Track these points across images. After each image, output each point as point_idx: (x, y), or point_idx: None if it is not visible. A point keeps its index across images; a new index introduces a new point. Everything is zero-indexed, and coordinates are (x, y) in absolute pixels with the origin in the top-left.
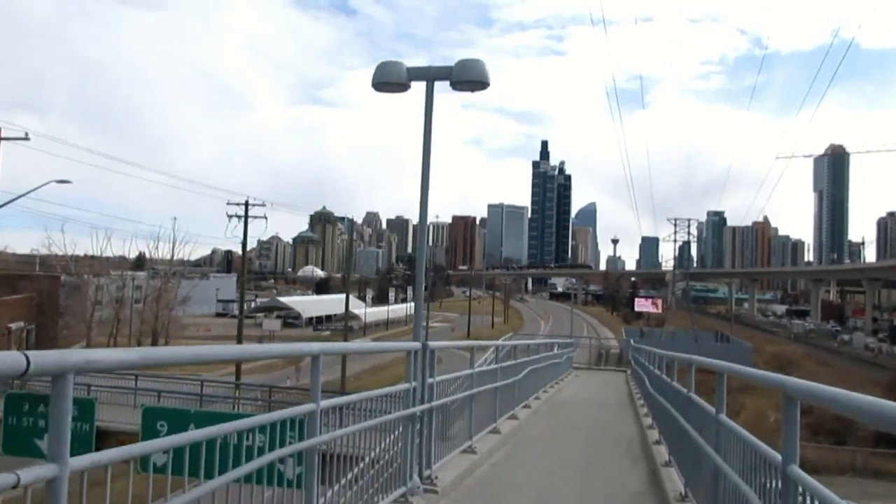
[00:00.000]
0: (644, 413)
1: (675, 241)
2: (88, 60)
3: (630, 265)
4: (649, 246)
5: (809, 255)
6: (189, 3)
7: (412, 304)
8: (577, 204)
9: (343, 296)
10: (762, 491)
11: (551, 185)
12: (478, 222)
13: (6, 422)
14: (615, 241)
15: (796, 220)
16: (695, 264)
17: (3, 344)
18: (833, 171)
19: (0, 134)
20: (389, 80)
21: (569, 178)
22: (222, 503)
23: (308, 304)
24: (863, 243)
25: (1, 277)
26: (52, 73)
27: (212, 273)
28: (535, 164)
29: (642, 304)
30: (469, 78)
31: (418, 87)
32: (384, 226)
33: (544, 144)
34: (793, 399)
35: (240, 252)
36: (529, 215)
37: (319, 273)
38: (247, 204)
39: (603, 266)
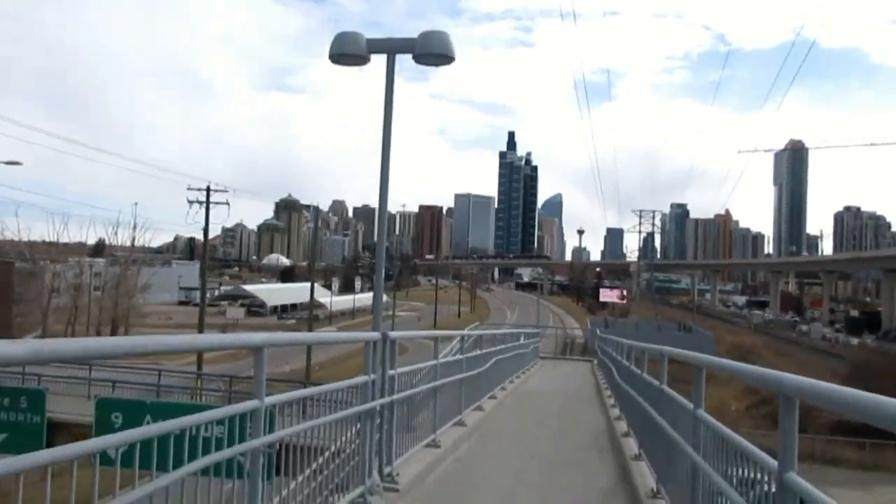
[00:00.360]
0: (611, 404)
1: (639, 231)
2: (53, 43)
3: (595, 256)
4: (614, 237)
5: (769, 248)
6: None
7: None
8: (543, 195)
9: (309, 284)
10: (751, 495)
11: (518, 175)
12: (444, 212)
13: None
14: (581, 232)
15: (757, 214)
16: (658, 256)
17: None
18: (792, 165)
19: None
20: (347, 51)
21: (535, 168)
22: (176, 498)
23: (273, 293)
24: (820, 236)
25: None
26: (17, 57)
27: (174, 260)
28: (502, 155)
29: (607, 295)
30: (433, 51)
31: (380, 64)
32: (350, 214)
33: (511, 135)
34: (791, 399)
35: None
36: (496, 206)
37: (285, 261)
38: (208, 189)
39: (568, 257)
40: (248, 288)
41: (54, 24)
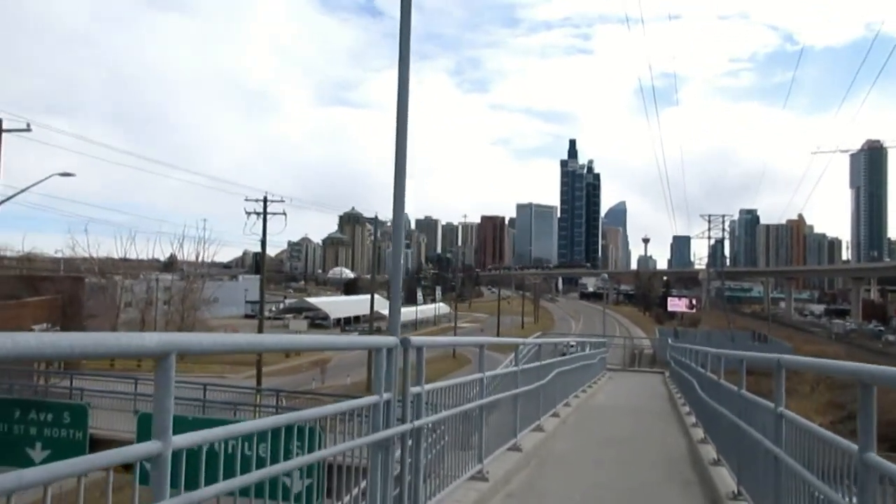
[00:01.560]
0: (692, 423)
1: (708, 237)
2: (120, 65)
3: (661, 265)
4: (681, 245)
5: (847, 254)
6: (217, 7)
7: (441, 304)
8: (606, 203)
9: (374, 296)
10: None
11: (580, 184)
12: (507, 222)
13: None
14: (646, 241)
15: (832, 218)
16: (728, 263)
17: None
18: (870, 166)
19: (1, 126)
20: None
21: (597, 176)
22: None
23: (336, 305)
24: None
25: (24, 279)
26: (86, 78)
27: (241, 274)
28: (563, 164)
29: (675, 304)
30: None
31: (438, 76)
32: (413, 226)
33: (572, 143)
34: (868, 386)
35: (269, 253)
36: (559, 215)
37: (349, 274)
38: (265, 200)
39: (634, 266)
40: (312, 301)
41: (122, 47)
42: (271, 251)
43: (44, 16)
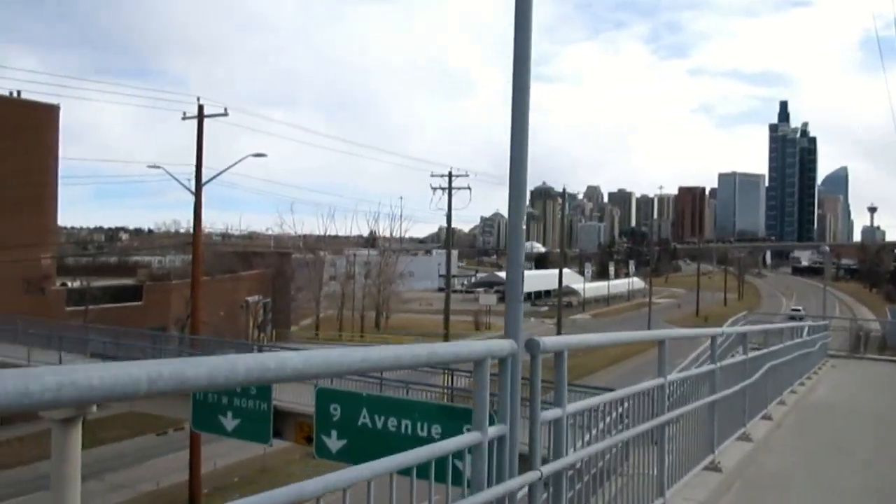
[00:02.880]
0: None
1: None
2: (330, 56)
3: (891, 236)
4: None
5: None
6: None
7: (635, 279)
8: (823, 169)
9: (563, 271)
10: None
11: (792, 149)
12: (707, 193)
13: (195, 398)
14: (872, 210)
15: None
16: None
17: (242, 315)
18: None
19: (202, 112)
20: None
21: (813, 140)
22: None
23: (526, 279)
24: None
25: (238, 255)
26: (301, 70)
27: (435, 249)
28: (773, 128)
29: None
30: None
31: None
32: (605, 199)
33: (783, 106)
34: None
35: (462, 229)
36: (766, 184)
37: (540, 248)
38: (450, 175)
39: (857, 238)
40: (502, 275)
41: (330, 40)
42: (464, 227)
43: (262, 15)
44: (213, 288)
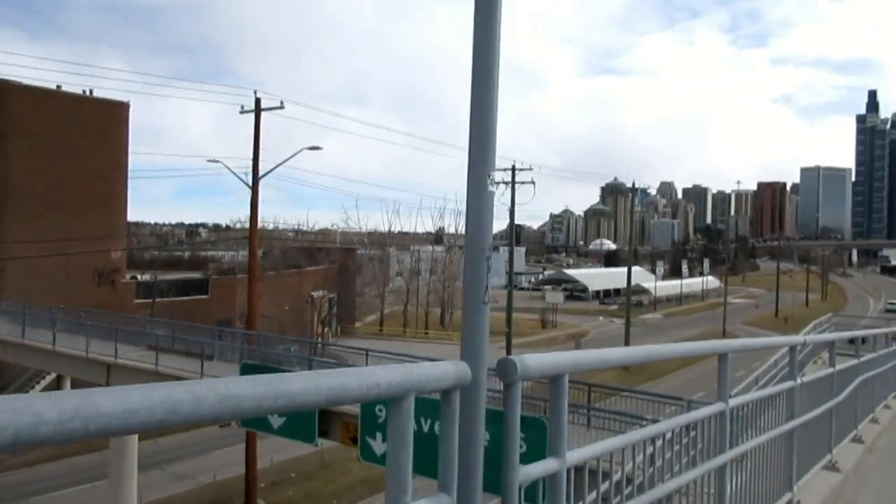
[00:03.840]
0: None
1: None
2: (400, 55)
3: None
4: None
5: None
6: None
7: (709, 277)
8: None
9: (633, 269)
10: None
11: (881, 141)
12: (788, 188)
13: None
14: None
15: None
16: None
17: (307, 310)
18: None
19: (260, 105)
20: None
21: None
22: None
23: (595, 277)
24: None
25: (304, 250)
26: (372, 68)
27: (503, 246)
28: (861, 119)
29: None
30: None
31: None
32: (679, 195)
33: (872, 95)
34: None
35: (531, 226)
36: (853, 178)
37: (610, 245)
38: (513, 169)
39: None
40: (570, 272)
41: (400, 39)
42: (533, 224)
43: (337, 17)
44: (279, 283)
